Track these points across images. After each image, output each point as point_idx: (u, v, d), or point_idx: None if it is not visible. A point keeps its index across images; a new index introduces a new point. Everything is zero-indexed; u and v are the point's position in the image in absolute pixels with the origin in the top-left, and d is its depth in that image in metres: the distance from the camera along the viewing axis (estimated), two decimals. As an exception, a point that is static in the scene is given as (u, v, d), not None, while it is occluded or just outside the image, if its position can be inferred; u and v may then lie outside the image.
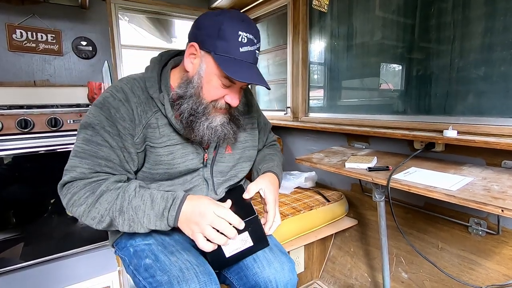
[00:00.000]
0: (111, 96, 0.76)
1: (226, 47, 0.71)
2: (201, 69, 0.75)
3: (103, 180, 0.74)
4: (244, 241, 0.77)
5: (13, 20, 1.76)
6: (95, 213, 0.71)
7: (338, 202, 1.60)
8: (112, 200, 0.71)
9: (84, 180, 0.72)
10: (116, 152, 0.75)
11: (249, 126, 0.97)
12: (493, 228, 1.12)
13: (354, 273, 1.56)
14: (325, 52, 1.84)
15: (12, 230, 1.41)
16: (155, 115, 0.79)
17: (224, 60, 0.72)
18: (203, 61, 0.75)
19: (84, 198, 0.71)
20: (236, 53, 0.72)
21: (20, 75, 1.80)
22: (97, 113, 0.75)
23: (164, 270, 0.72)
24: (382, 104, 1.54)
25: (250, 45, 0.73)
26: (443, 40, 1.23)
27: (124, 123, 0.75)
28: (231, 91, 0.78)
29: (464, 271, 1.19)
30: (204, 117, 0.78)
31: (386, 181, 0.96)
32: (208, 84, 0.76)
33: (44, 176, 1.46)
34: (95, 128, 0.74)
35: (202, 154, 0.86)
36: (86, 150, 0.74)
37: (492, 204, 0.73)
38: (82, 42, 1.95)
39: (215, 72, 0.74)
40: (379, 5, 1.50)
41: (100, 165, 0.74)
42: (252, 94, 1.04)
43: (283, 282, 0.82)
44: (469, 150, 1.15)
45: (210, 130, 0.79)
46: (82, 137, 0.75)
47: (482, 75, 1.13)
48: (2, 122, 1.36)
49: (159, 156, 0.79)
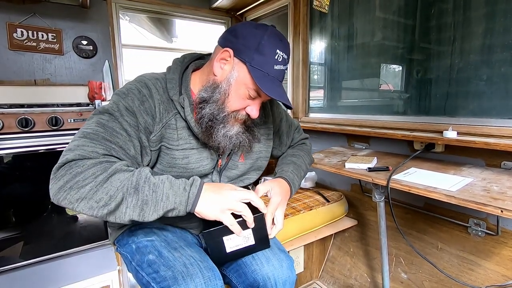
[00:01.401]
0: (136, 89, 0.74)
1: (262, 62, 0.72)
2: (231, 77, 0.75)
3: (114, 162, 0.65)
4: (247, 238, 0.76)
5: (14, 19, 1.76)
6: (103, 193, 0.60)
7: (338, 202, 1.60)
8: (127, 178, 0.63)
9: (93, 160, 0.62)
10: (133, 142, 0.70)
11: (264, 137, 0.96)
12: (492, 229, 1.12)
13: (353, 273, 1.56)
14: (326, 53, 1.84)
15: (12, 229, 1.41)
16: (174, 116, 0.78)
17: (259, 73, 0.72)
18: (235, 69, 0.74)
19: (92, 177, 0.60)
20: (270, 70, 0.73)
21: (20, 74, 1.80)
22: (119, 101, 0.71)
23: (168, 265, 0.72)
24: (382, 104, 1.55)
25: (283, 64, 0.75)
26: (444, 41, 1.24)
27: (147, 117, 0.73)
28: (253, 103, 0.79)
29: (463, 272, 1.19)
30: (222, 124, 0.78)
31: (386, 181, 0.96)
32: (235, 93, 0.76)
33: (45, 175, 1.45)
34: (113, 115, 0.69)
35: (216, 160, 0.86)
36: (99, 133, 0.66)
37: (491, 205, 0.73)
38: (83, 41, 1.95)
39: (245, 82, 0.75)
40: (380, 5, 1.50)
41: (114, 149, 0.67)
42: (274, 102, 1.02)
43: (281, 280, 0.82)
44: (469, 151, 1.15)
45: (226, 138, 0.79)
46: (96, 120, 0.68)
47: (482, 76, 1.13)
48: (3, 121, 1.36)
49: (174, 159, 0.78)
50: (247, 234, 0.76)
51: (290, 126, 1.09)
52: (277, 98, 0.73)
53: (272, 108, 1.00)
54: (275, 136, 1.03)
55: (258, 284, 0.81)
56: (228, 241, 0.75)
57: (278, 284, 0.81)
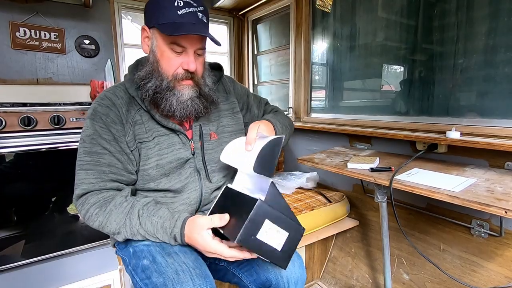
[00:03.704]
0: (98, 105, 0.81)
1: (165, 16, 0.76)
2: (153, 45, 0.81)
3: (110, 198, 0.77)
4: (278, 241, 0.67)
5: (16, 18, 1.76)
6: (108, 230, 0.77)
7: (340, 203, 1.59)
8: (121, 223, 0.76)
9: (94, 196, 0.77)
10: (116, 157, 0.80)
11: (229, 112, 0.99)
12: (495, 230, 1.11)
13: (355, 274, 1.56)
14: (328, 53, 1.84)
15: (14, 228, 1.41)
16: (138, 112, 0.84)
17: (166, 26, 0.75)
18: (153, 38, 0.80)
19: (95, 215, 0.76)
20: (175, 17, 0.75)
21: (23, 73, 1.80)
22: (91, 124, 0.80)
23: (160, 272, 0.71)
24: (385, 105, 1.54)
25: (188, 7, 0.77)
26: (446, 41, 1.23)
27: (116, 126, 0.81)
28: (185, 57, 0.80)
29: (466, 273, 1.18)
30: (171, 92, 0.81)
31: (388, 181, 0.95)
32: (162, 57, 0.80)
33: (47, 173, 1.46)
34: (93, 138, 0.79)
35: (188, 144, 0.88)
36: (88, 162, 0.78)
37: (495, 206, 0.72)
38: (85, 41, 1.96)
39: (162, 42, 0.78)
40: (382, 6, 1.49)
41: (104, 172, 0.78)
42: (234, 81, 1.08)
43: (294, 279, 0.82)
44: (472, 151, 1.15)
45: (180, 105, 0.81)
46: (82, 150, 0.80)
47: (486, 76, 1.13)
48: (6, 119, 1.36)
49: (149, 149, 0.83)
50: (282, 236, 0.68)
51: (259, 101, 1.15)
52: (182, 32, 0.74)
53: (234, 86, 1.06)
54: (246, 111, 1.07)
55: (270, 283, 0.81)
56: (266, 228, 0.66)
57: (290, 283, 0.81)
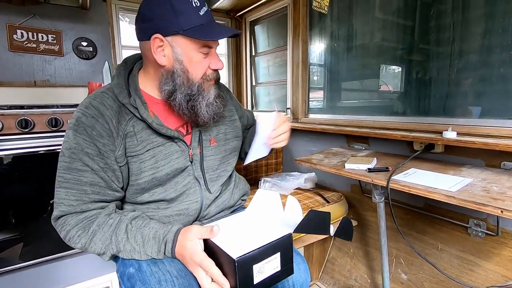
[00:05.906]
0: (82, 115, 0.72)
1: (188, 19, 0.71)
2: (177, 54, 0.74)
3: (93, 217, 0.71)
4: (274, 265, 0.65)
5: (14, 20, 1.76)
6: (93, 251, 0.72)
7: (338, 203, 1.60)
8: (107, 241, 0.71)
9: (74, 217, 0.71)
10: (99, 175, 0.72)
11: (227, 118, 0.96)
12: (492, 229, 1.12)
13: (353, 274, 1.56)
14: (325, 54, 1.85)
15: (12, 230, 1.41)
16: (129, 122, 0.76)
17: (194, 30, 0.71)
18: (174, 45, 0.73)
19: (77, 236, 0.70)
20: (199, 19, 0.72)
21: (20, 75, 1.80)
22: (73, 136, 0.71)
23: (144, 281, 0.69)
24: (382, 105, 1.55)
25: (203, 5, 0.74)
26: (443, 41, 1.24)
27: (103, 139, 0.72)
28: (211, 58, 0.78)
29: (463, 272, 1.19)
30: (201, 96, 0.78)
31: (386, 182, 0.96)
32: (191, 62, 0.75)
33: (44, 176, 1.45)
34: (74, 153, 0.70)
35: (187, 151, 0.82)
36: (68, 180, 0.70)
37: (491, 205, 0.73)
38: (83, 43, 1.96)
39: (192, 48, 0.74)
40: (379, 6, 1.50)
41: (86, 192, 0.71)
42: (228, 90, 1.05)
43: (299, 283, 0.81)
44: (469, 151, 1.15)
45: (209, 107, 0.79)
46: (62, 165, 0.71)
47: (482, 77, 1.13)
48: (3, 122, 1.35)
49: (142, 162, 0.76)
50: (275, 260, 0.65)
51: (250, 112, 1.14)
52: (223, 36, 0.73)
53: (230, 95, 1.04)
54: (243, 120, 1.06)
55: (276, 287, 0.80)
56: (257, 271, 0.63)
57: (296, 287, 0.81)
